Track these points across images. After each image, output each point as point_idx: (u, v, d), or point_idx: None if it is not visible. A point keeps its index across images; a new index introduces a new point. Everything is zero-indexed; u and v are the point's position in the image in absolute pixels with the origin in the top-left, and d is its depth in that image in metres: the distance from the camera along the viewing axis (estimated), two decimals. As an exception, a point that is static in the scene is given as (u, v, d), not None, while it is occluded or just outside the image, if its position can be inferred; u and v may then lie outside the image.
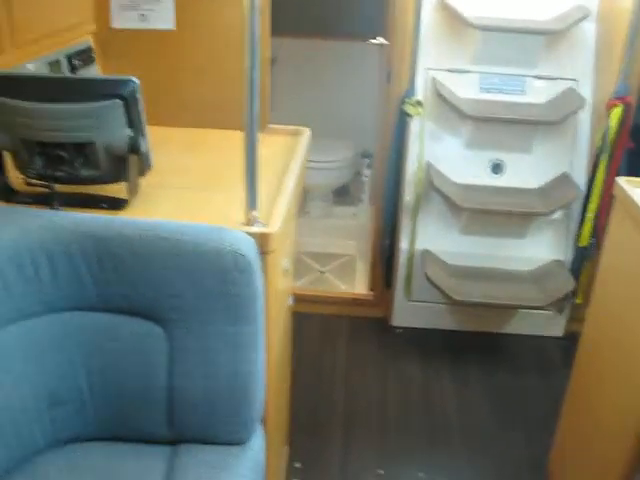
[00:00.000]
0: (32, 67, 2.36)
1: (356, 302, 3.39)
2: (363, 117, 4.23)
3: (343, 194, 4.41)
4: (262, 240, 1.46)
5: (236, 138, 1.52)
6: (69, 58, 2.60)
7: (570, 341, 2.74)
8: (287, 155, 1.98)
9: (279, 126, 2.19)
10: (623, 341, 1.91)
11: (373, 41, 3.29)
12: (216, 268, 1.37)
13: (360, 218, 4.19)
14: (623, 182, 1.93)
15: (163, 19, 2.72)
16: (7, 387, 1.44)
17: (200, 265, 1.38)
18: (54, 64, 2.52)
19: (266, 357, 1.54)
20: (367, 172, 4.16)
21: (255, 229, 1.48)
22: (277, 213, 1.57)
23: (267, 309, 1.52)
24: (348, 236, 4.05)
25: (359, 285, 3.59)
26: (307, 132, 2.17)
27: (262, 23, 2.66)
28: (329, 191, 4.23)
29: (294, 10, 4.17)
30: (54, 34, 2.46)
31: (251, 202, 1.47)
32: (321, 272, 3.72)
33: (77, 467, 1.52)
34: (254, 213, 1.48)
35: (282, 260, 1.63)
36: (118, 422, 1.56)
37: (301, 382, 2.77)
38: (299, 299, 3.25)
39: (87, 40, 2.74)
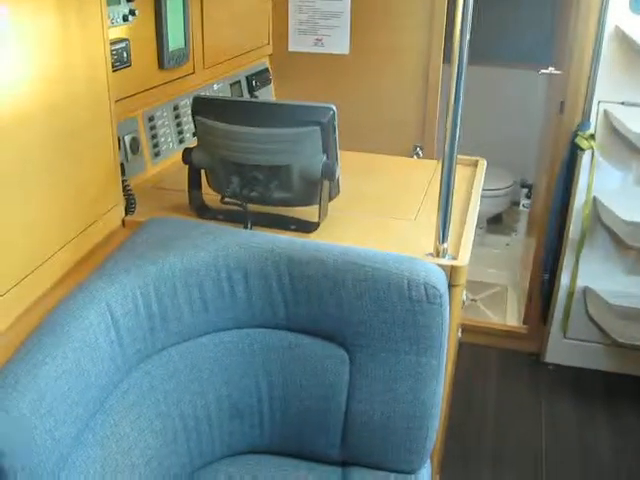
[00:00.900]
0: (217, 87, 2.49)
1: (508, 334, 3.32)
2: (524, 146, 4.16)
3: (497, 223, 4.34)
4: (452, 273, 1.47)
5: (407, 164, 1.54)
6: (248, 79, 2.72)
7: None
8: (467, 185, 1.97)
9: (460, 156, 2.19)
10: None
11: (543, 70, 3.23)
12: (407, 298, 1.38)
13: (513, 248, 4.11)
14: None
15: (338, 44, 2.80)
16: (194, 396, 1.50)
17: (391, 294, 1.39)
18: (235, 84, 2.64)
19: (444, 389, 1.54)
20: (525, 202, 4.09)
21: (446, 261, 1.48)
22: (464, 245, 1.57)
23: (449, 343, 1.52)
24: (500, 266, 3.99)
25: (509, 317, 3.52)
26: (484, 162, 2.16)
27: (436, 51, 2.72)
28: (484, 219, 4.18)
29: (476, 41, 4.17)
30: (237, 57, 2.58)
31: (442, 234, 1.48)
32: (472, 300, 3.67)
33: (252, 477, 1.57)
34: (445, 245, 1.49)
35: (464, 293, 1.63)
36: (293, 439, 1.60)
37: (452, 412, 2.74)
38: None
39: (264, 62, 2.86)
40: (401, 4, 2.71)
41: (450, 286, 1.48)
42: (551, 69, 3.17)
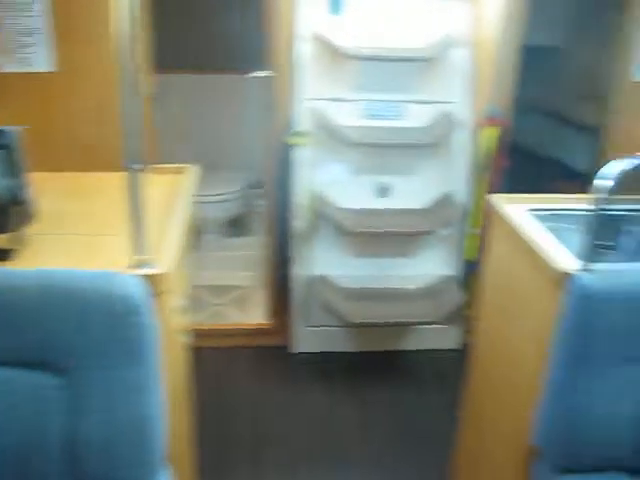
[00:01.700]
0: None
1: (255, 332, 3.41)
2: (252, 149, 4.27)
3: (237, 226, 4.42)
4: (152, 282, 1.47)
5: (119, 180, 1.53)
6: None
7: (466, 353, 2.85)
8: (174, 193, 1.99)
9: (165, 165, 2.20)
10: (504, 351, 2.02)
11: (255, 74, 3.36)
12: (107, 313, 1.37)
13: (255, 249, 4.21)
14: (494, 199, 2.04)
15: (40, 62, 2.68)
16: None
17: (91, 311, 1.37)
18: None
19: (166, 397, 1.54)
20: (259, 202, 4.20)
21: (144, 271, 1.48)
22: (166, 254, 1.58)
23: (164, 350, 1.53)
24: (244, 267, 4.07)
25: (258, 315, 3.61)
26: (192, 169, 2.19)
27: (141, 60, 2.71)
28: (223, 224, 4.24)
29: (176, 47, 4.19)
30: None
31: (138, 244, 1.48)
32: (219, 305, 3.72)
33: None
34: (142, 255, 1.49)
35: (175, 299, 1.64)
36: (18, 475, 1.52)
37: (206, 417, 2.76)
38: (198, 334, 3.25)
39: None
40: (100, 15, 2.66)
41: (156, 295, 1.49)
42: (260, 72, 3.29)
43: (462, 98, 3.07)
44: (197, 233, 4.12)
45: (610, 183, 1.50)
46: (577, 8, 4.42)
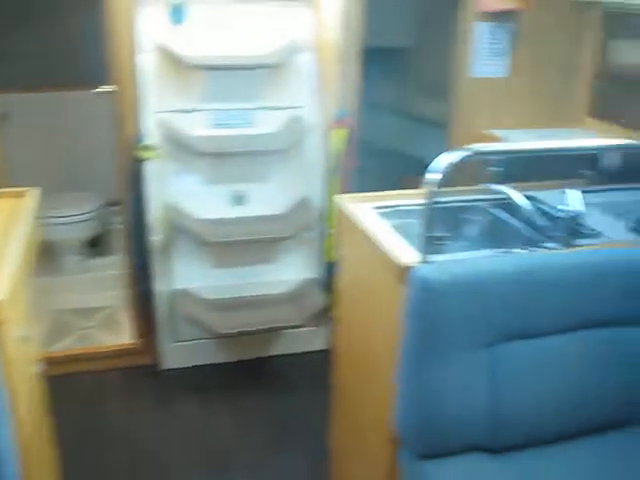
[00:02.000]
0: None
1: (124, 352, 3.33)
2: (106, 166, 4.17)
3: (98, 246, 4.31)
4: (-15, 312, 1.41)
5: None
6: None
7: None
8: (12, 218, 1.91)
9: (3, 190, 2.11)
10: (363, 346, 2.06)
11: (100, 89, 3.28)
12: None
13: (118, 268, 4.11)
14: (340, 199, 2.08)
15: None
16: None
17: None
18: None
19: (18, 430, 1.48)
20: (117, 220, 4.10)
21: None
22: (1, 282, 1.51)
23: (8, 382, 1.47)
24: (109, 287, 3.96)
25: (125, 335, 3.52)
26: (33, 192, 2.11)
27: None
28: (82, 245, 4.12)
29: (21, 65, 4.06)
30: None
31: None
32: (86, 328, 3.61)
33: None
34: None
35: (15, 329, 1.58)
36: None
37: (79, 444, 2.68)
38: (66, 360, 3.15)
39: None
40: None
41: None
42: (105, 87, 3.22)
43: (311, 102, 3.12)
44: (52, 256, 3.98)
45: (438, 176, 1.56)
46: (422, 9, 4.60)
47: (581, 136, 3.08)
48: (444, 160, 1.58)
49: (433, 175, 1.57)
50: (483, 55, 3.06)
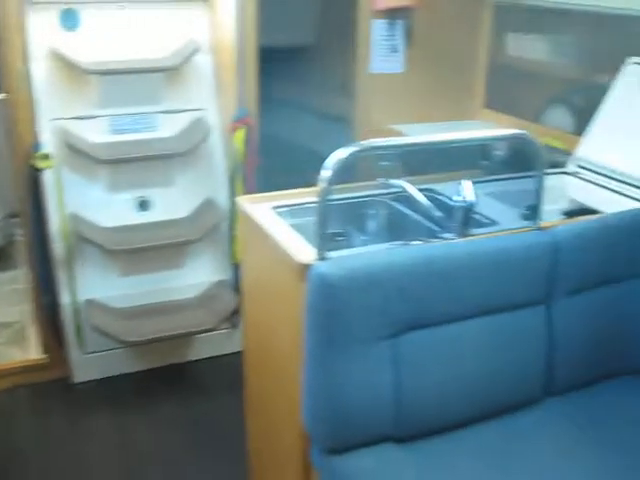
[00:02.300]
0: None
1: (33, 368, 3.23)
2: (2, 176, 4.05)
3: (1, 259, 4.18)
4: None
5: None
6: None
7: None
8: None
9: None
10: (270, 346, 2.07)
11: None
12: None
13: (22, 281, 4.00)
14: (240, 200, 2.08)
15: None
16: None
17: None
18: None
19: None
20: (20, 232, 3.99)
21: None
22: None
23: None
24: (14, 302, 3.85)
25: (33, 350, 3.42)
26: None
27: None
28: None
29: None
30: None
31: None
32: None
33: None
34: None
35: None
36: None
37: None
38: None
39: None
40: None
41: None
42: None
43: (211, 104, 3.10)
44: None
45: (329, 174, 1.57)
46: (324, 8, 4.64)
47: (477, 128, 3.17)
48: (334, 157, 1.60)
49: (325, 172, 1.58)
50: (380, 52, 3.11)
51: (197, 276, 3.20)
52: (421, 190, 2.29)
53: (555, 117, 3.00)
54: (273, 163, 3.19)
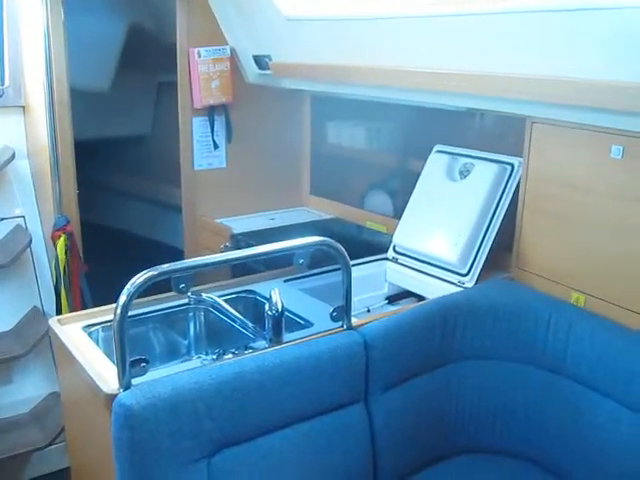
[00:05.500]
0: None
1: None
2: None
3: None
4: None
5: None
6: None
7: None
8: None
9: None
10: (92, 468, 1.99)
11: None
12: None
13: None
14: (51, 322, 2.01)
15: None
16: None
17: None
18: None
19: None
20: None
21: None
22: None
23: None
24: None
25: None
26: None
27: None
28: None
29: None
30: None
31: None
32: None
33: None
34: None
35: None
36: None
37: None
38: None
39: None
40: None
41: None
42: None
43: (31, 210, 3.02)
44: None
45: (124, 299, 1.54)
46: (159, 101, 4.67)
47: (301, 216, 3.26)
48: (132, 282, 1.57)
49: (122, 298, 1.56)
50: (202, 148, 3.15)
51: (29, 390, 3.05)
52: (242, 292, 2.31)
53: (376, 202, 3.11)
54: (107, 262, 3.12)
